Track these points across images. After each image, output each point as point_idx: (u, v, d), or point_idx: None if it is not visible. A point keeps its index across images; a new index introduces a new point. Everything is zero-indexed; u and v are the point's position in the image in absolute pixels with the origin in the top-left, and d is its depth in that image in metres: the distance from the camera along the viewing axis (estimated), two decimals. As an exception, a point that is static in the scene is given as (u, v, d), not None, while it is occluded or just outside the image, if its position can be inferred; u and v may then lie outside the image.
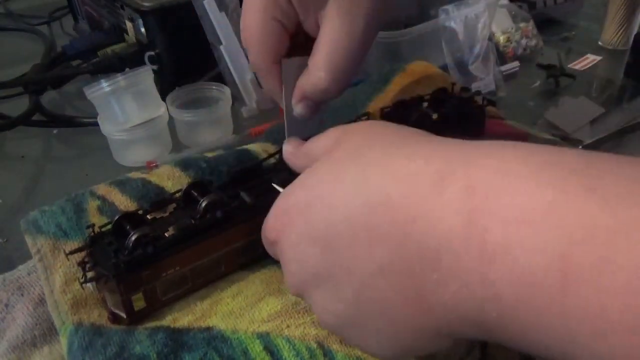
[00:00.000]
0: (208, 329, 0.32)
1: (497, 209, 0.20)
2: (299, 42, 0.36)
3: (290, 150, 0.34)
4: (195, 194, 0.36)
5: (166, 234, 0.33)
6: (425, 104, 0.45)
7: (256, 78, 0.64)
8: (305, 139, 0.34)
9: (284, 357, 0.30)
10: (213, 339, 0.32)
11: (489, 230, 0.20)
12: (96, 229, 0.34)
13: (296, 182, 0.28)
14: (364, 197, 0.24)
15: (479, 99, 0.46)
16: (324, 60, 0.34)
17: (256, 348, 0.31)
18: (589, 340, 0.17)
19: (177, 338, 0.32)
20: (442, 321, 0.23)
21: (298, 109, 0.36)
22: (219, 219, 0.34)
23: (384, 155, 0.25)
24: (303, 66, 0.35)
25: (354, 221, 0.24)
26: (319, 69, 0.34)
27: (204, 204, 0.34)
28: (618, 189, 0.18)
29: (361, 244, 0.24)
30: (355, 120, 0.43)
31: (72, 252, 0.34)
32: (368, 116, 0.43)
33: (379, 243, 0.23)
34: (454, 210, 0.21)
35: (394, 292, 0.23)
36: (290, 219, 0.27)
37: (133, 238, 0.32)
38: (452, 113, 0.44)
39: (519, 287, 0.19)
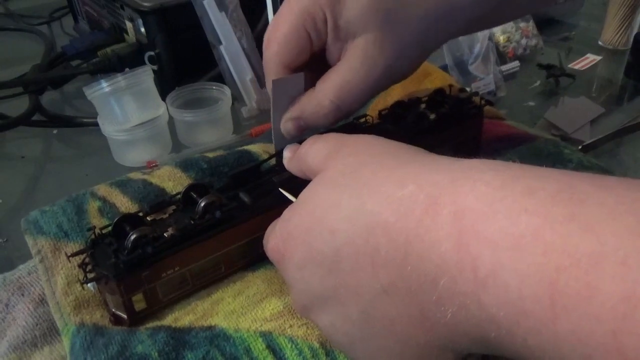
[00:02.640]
0: (210, 327, 0.32)
1: (485, 235, 0.20)
2: (311, 63, 0.37)
3: (288, 156, 0.35)
4: (194, 195, 0.36)
5: (165, 235, 0.33)
6: (423, 105, 0.45)
7: (256, 78, 0.64)
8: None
9: (286, 355, 0.31)
10: (215, 337, 0.32)
11: (479, 255, 0.20)
12: (97, 232, 0.34)
13: (296, 205, 0.29)
14: (362, 221, 0.25)
15: (476, 100, 0.46)
16: (334, 91, 0.35)
17: (259, 346, 0.31)
18: None
19: (179, 337, 0.32)
20: (446, 339, 0.23)
21: (288, 125, 0.36)
22: (217, 220, 0.34)
23: (377, 178, 0.26)
24: (293, 84, 0.36)
25: (355, 245, 0.25)
26: (326, 97, 0.35)
27: (202, 205, 0.34)
28: (601, 214, 0.18)
29: (364, 266, 0.24)
30: (353, 121, 0.43)
31: (73, 255, 0.34)
32: (366, 117, 0.43)
33: (381, 265, 0.24)
34: (446, 235, 0.21)
35: (399, 312, 0.24)
36: (292, 242, 0.28)
37: (132, 238, 0.32)
38: (449, 113, 0.44)
39: (512, 312, 0.19)
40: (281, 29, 0.35)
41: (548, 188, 0.20)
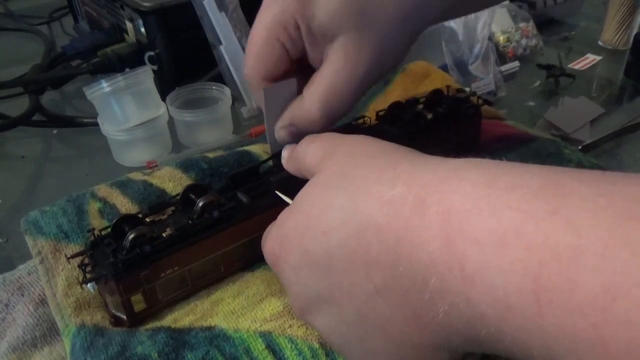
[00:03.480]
0: (210, 328, 0.32)
1: (470, 233, 0.21)
2: (302, 67, 0.36)
3: (286, 156, 0.35)
4: (193, 196, 0.36)
5: (164, 234, 0.33)
6: (420, 106, 0.45)
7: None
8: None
9: (286, 356, 0.31)
10: (215, 337, 0.32)
11: (466, 253, 0.21)
12: (96, 233, 0.34)
13: (291, 207, 0.29)
14: (354, 222, 0.25)
15: (474, 99, 0.46)
16: (320, 95, 0.34)
17: (258, 347, 0.31)
18: (567, 359, 0.18)
19: (179, 337, 0.32)
20: (439, 338, 0.23)
21: (281, 133, 0.36)
22: (215, 219, 0.34)
23: (369, 179, 0.26)
24: (285, 91, 0.35)
25: (348, 246, 0.25)
26: (313, 102, 0.34)
27: (200, 204, 0.34)
28: (581, 208, 0.18)
29: (358, 267, 0.25)
30: (351, 122, 0.43)
31: (73, 257, 0.34)
32: (364, 119, 0.43)
33: (373, 265, 0.24)
34: (434, 234, 0.22)
35: (392, 312, 0.24)
36: (288, 245, 0.28)
37: (130, 237, 0.32)
38: (446, 113, 0.44)
39: (499, 308, 0.20)
40: (255, 43, 0.35)
41: (531, 184, 0.21)
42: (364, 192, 0.25)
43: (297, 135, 0.36)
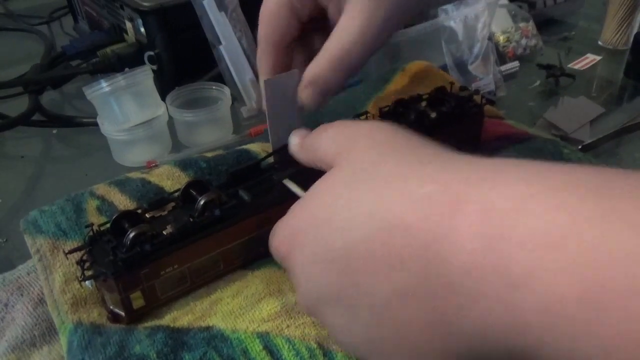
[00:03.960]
0: (208, 328, 0.32)
1: (517, 234, 0.19)
2: (313, 28, 0.38)
3: (296, 143, 0.34)
4: (194, 192, 0.36)
5: (164, 232, 0.33)
6: (424, 103, 0.45)
7: (256, 78, 0.64)
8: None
9: (283, 356, 0.30)
10: (213, 338, 0.32)
11: (511, 256, 0.19)
12: (95, 229, 0.34)
13: (307, 199, 0.28)
14: (382, 219, 0.23)
15: (477, 98, 0.46)
16: (340, 45, 0.35)
17: (256, 347, 0.31)
18: None
19: (177, 337, 0.32)
20: (463, 346, 0.22)
21: (306, 92, 0.36)
22: (217, 217, 0.34)
23: (398, 174, 0.24)
24: (287, 83, 0.35)
25: (372, 243, 0.23)
26: (333, 51, 0.35)
27: (202, 202, 0.34)
28: (638, 210, 0.17)
29: (381, 267, 0.23)
30: (354, 118, 0.43)
31: (71, 252, 0.34)
32: (367, 115, 0.43)
33: (399, 267, 0.22)
34: (473, 234, 0.20)
35: (415, 317, 0.23)
36: (302, 238, 0.27)
37: (131, 236, 0.32)
38: (450, 112, 0.44)
39: (547, 315, 0.18)
40: (266, 10, 0.37)
41: (580, 183, 0.19)
42: (393, 188, 0.24)
43: (320, 94, 0.36)
